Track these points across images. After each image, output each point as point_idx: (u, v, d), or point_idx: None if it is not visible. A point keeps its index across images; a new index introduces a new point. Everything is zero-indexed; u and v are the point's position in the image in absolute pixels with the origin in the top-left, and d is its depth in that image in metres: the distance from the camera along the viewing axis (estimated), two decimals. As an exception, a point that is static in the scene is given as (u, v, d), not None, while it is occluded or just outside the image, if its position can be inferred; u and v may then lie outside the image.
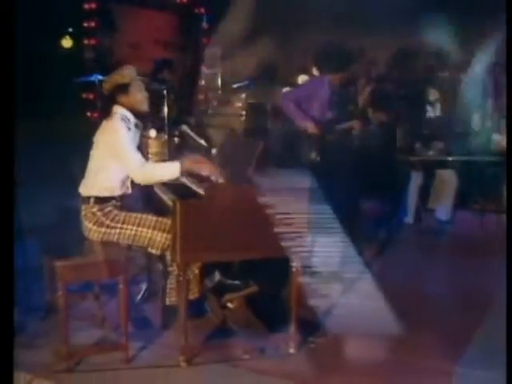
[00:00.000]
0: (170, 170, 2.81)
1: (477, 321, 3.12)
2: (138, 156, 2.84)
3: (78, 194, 3.00)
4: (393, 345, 2.87)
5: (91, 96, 8.28)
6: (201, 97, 7.56)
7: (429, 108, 5.08)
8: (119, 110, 2.93)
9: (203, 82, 8.18)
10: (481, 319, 3.15)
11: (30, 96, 7.13)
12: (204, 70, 8.14)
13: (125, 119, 2.90)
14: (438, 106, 5.17)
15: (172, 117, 4.54)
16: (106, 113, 2.92)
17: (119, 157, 2.83)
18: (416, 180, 4.87)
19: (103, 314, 3.00)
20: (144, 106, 3.02)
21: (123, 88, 2.92)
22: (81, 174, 3.05)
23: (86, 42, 8.31)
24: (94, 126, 3.04)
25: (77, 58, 8.40)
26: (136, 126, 2.98)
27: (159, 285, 3.23)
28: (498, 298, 3.33)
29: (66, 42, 8.28)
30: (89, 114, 8.38)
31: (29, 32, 7.18)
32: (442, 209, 4.87)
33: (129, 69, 3.00)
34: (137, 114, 2.98)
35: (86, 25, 8.28)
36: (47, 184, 4.78)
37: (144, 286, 3.36)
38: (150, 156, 3.37)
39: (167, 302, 2.96)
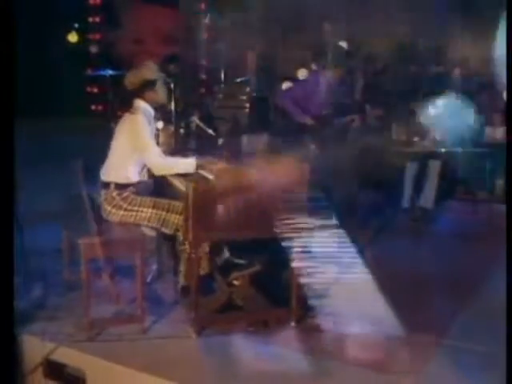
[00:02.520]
0: (186, 166, 3.05)
1: (467, 301, 3.31)
2: (158, 150, 3.08)
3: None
4: (386, 320, 3.12)
5: (95, 90, 8.47)
6: (203, 91, 7.76)
7: (424, 101, 5.26)
8: (142, 105, 3.12)
9: (204, 77, 8.37)
10: (472, 300, 3.33)
11: (33, 90, 7.32)
12: (206, 64, 8.33)
13: (146, 114, 3.10)
14: (433, 98, 5.34)
15: (178, 109, 4.75)
16: (128, 106, 3.10)
17: (141, 149, 3.04)
18: (410, 170, 5.06)
19: (118, 291, 3.23)
20: (165, 100, 3.26)
21: (150, 83, 3.10)
22: (84, 164, 3.25)
23: (90, 36, 8.50)
24: (98, 119, 3.24)
25: (81, 53, 8.57)
26: (154, 119, 3.20)
27: (168, 266, 3.48)
28: (488, 282, 3.55)
29: (72, 37, 8.46)
30: (93, 107, 8.58)
31: (33, 27, 7.35)
32: (425, 197, 5.00)
33: (153, 64, 3.19)
34: (157, 107, 3.20)
35: (90, 20, 8.46)
36: (59, 171, 4.97)
37: (154, 268, 3.60)
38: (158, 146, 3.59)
39: (181, 282, 3.17)
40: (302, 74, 6.37)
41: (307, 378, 2.64)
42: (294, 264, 2.99)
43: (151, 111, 3.17)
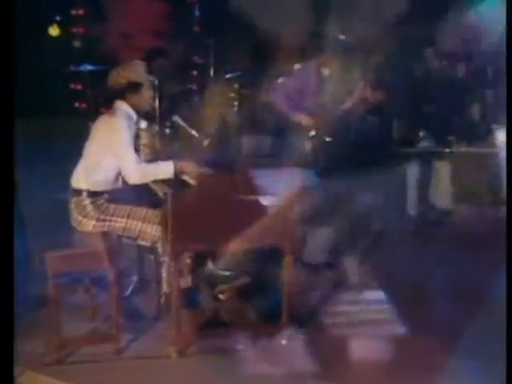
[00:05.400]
0: (164, 171, 2.84)
1: (473, 312, 3.13)
2: (135, 157, 2.84)
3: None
4: (388, 334, 2.93)
5: (79, 86, 8.22)
6: (193, 87, 7.54)
7: (428, 99, 5.08)
8: (123, 107, 2.90)
9: (195, 72, 8.16)
10: (478, 310, 3.15)
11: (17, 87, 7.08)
12: (196, 59, 8.11)
13: (127, 117, 2.88)
14: (437, 96, 5.16)
15: (163, 107, 4.52)
16: (108, 107, 2.89)
17: (118, 157, 2.83)
18: (414, 171, 4.86)
19: (94, 306, 2.99)
20: (149, 106, 3.05)
21: (135, 86, 2.89)
22: (70, 166, 3.03)
23: (73, 30, 8.23)
24: (82, 117, 3.02)
25: (64, 47, 8.33)
26: (136, 122, 2.97)
27: (150, 277, 3.24)
28: (494, 288, 3.36)
29: (53, 30, 8.20)
30: (77, 104, 8.34)
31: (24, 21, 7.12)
32: (440, 197, 4.81)
33: (141, 65, 2.96)
34: (139, 111, 2.97)
35: (73, 13, 8.20)
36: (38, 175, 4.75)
37: (135, 279, 3.36)
38: (141, 147, 3.36)
39: (164, 289, 2.95)
40: (294, 68, 6.14)
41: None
42: (285, 276, 2.78)
43: (133, 115, 2.94)
